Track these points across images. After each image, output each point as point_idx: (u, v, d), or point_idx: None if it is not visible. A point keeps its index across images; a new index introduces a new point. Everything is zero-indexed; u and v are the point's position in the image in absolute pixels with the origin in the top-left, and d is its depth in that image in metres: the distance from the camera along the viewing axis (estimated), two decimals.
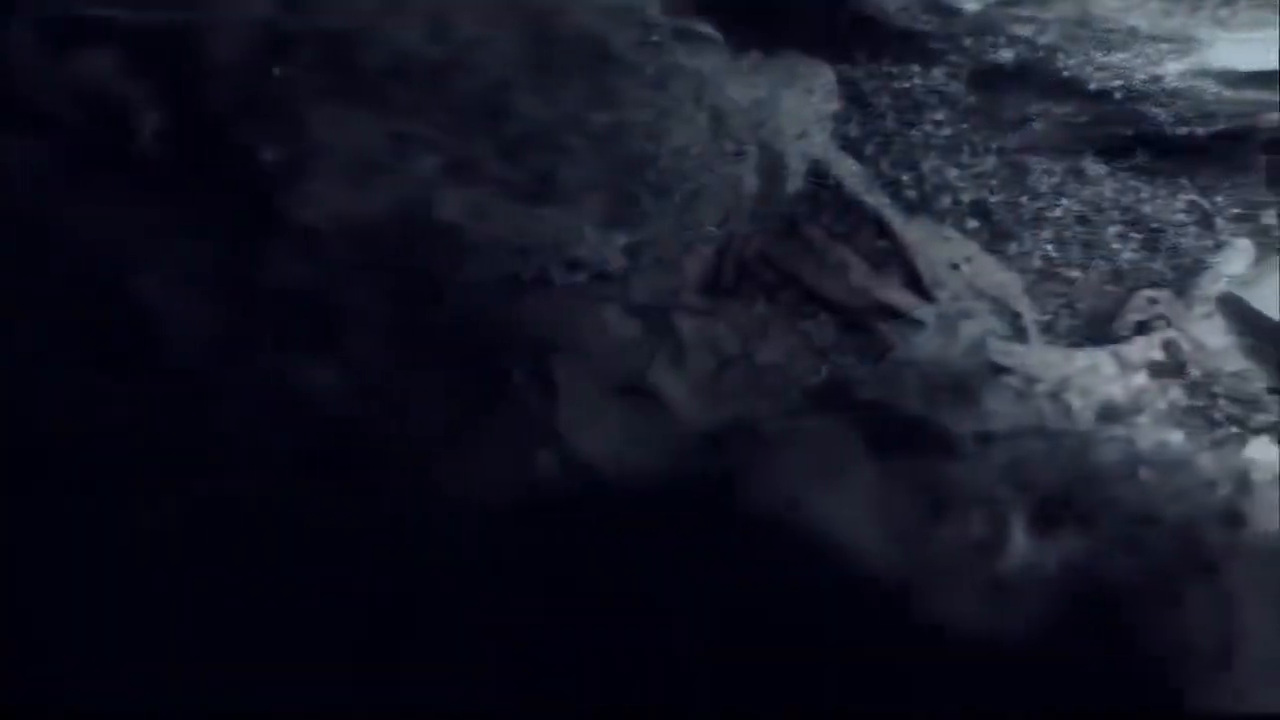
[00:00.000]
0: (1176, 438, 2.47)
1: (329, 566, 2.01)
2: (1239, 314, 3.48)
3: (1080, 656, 1.81)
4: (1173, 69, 3.69)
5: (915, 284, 3.39)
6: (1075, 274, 3.79)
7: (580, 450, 1.93)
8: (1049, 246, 3.76)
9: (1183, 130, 3.72)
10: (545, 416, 1.98)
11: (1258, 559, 2.03)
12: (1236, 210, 3.85)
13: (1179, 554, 2.02)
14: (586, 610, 1.69)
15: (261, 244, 2.26)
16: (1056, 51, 3.62)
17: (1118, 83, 3.64)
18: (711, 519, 1.81)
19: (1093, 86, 3.66)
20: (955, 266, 3.52)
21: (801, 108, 3.56)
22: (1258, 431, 3.35)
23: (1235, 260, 3.76)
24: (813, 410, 2.46)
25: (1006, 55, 3.62)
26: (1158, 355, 3.40)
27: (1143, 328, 3.63)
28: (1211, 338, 3.51)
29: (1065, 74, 3.64)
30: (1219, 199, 3.82)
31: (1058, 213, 3.78)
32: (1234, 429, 3.34)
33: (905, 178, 3.63)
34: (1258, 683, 1.62)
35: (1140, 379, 2.83)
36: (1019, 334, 3.49)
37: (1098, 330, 3.62)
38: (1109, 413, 2.54)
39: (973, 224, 3.63)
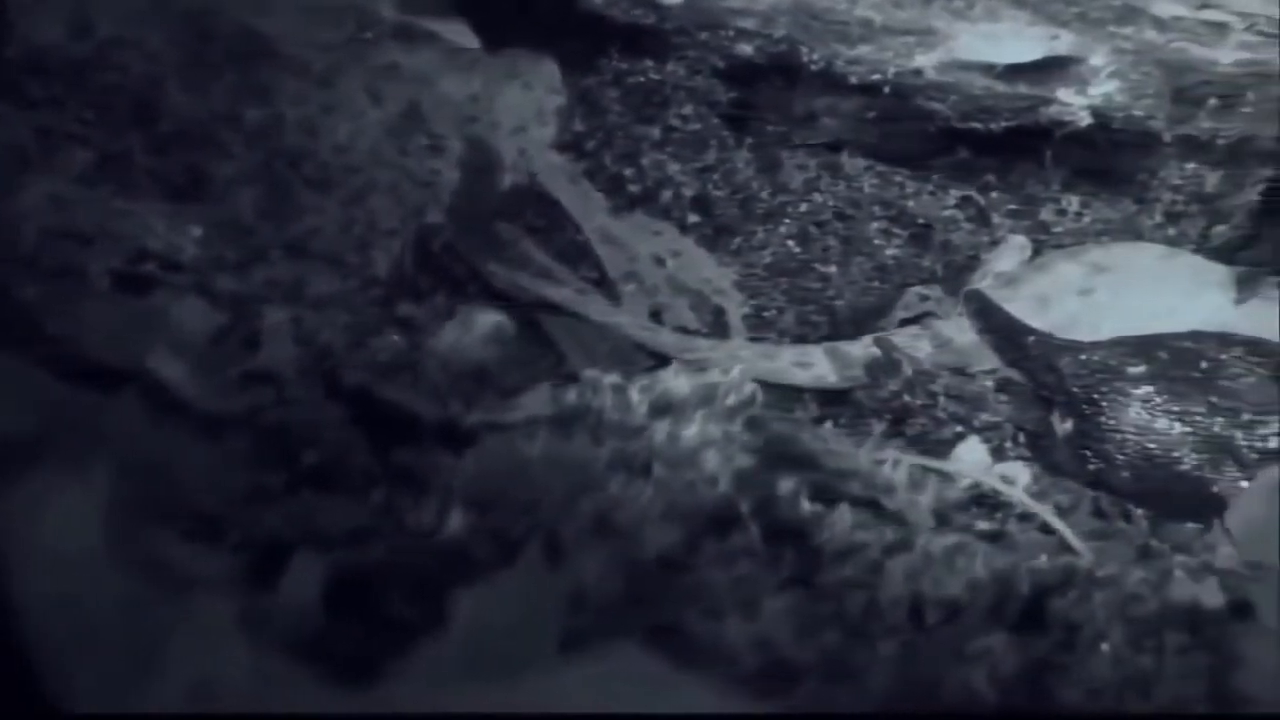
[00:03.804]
0: (692, 430, 2.43)
1: None
2: (983, 311, 3.40)
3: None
4: (926, 62, 3.58)
5: (601, 279, 3.38)
6: (831, 269, 3.73)
7: None
8: (790, 242, 3.70)
9: (970, 125, 3.62)
10: None
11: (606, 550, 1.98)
12: (1014, 206, 3.75)
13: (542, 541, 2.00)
14: None
15: None
16: (798, 44, 3.52)
17: (876, 77, 3.55)
18: None
19: (853, 80, 3.57)
20: (660, 261, 3.49)
21: (521, 103, 3.56)
22: (976, 431, 3.27)
23: (1009, 257, 3.67)
24: (327, 400, 2.48)
25: (746, 49, 3.55)
26: (874, 351, 3.35)
27: (909, 325, 3.57)
28: (960, 335, 3.44)
29: (815, 68, 3.56)
30: (995, 194, 3.73)
31: (804, 208, 3.72)
32: (958, 427, 3.27)
33: (627, 173, 3.60)
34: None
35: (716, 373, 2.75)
36: (719, 329, 3.45)
37: (861, 328, 3.56)
38: (663, 408, 2.51)
39: (693, 219, 3.59)
